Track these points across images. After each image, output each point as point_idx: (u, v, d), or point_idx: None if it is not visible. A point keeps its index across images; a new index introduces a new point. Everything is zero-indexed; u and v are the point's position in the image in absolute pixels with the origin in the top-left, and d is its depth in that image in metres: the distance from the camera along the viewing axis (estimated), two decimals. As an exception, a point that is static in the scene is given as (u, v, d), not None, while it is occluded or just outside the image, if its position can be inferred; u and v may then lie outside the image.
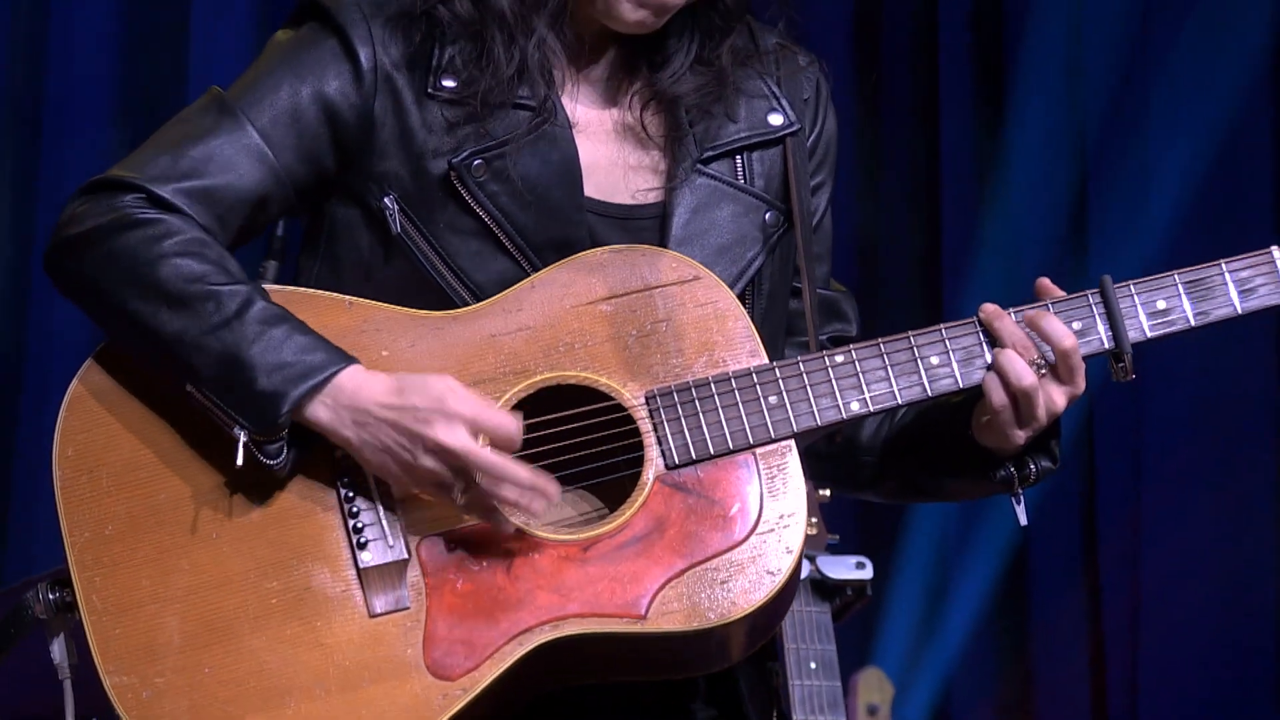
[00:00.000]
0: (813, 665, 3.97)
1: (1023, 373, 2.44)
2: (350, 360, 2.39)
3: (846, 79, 5.68)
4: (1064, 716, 5.43)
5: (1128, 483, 5.45)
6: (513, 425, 2.36)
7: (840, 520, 4.16)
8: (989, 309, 2.50)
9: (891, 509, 5.34)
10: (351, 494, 2.42)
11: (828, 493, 4.07)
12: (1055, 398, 2.47)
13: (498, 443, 2.35)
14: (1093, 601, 5.44)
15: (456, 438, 2.34)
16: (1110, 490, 5.46)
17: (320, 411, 2.38)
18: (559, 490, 2.39)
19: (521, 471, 2.35)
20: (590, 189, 2.54)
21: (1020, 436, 2.49)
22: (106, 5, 5.23)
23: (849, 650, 4.09)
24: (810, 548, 4.05)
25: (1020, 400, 2.44)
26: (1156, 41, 5.49)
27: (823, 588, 4.07)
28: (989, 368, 2.47)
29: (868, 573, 4.10)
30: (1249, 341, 5.21)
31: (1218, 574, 5.29)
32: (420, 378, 2.38)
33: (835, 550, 4.10)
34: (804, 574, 3.98)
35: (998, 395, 2.45)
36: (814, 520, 4.07)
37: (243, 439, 2.36)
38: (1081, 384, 2.48)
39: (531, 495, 2.36)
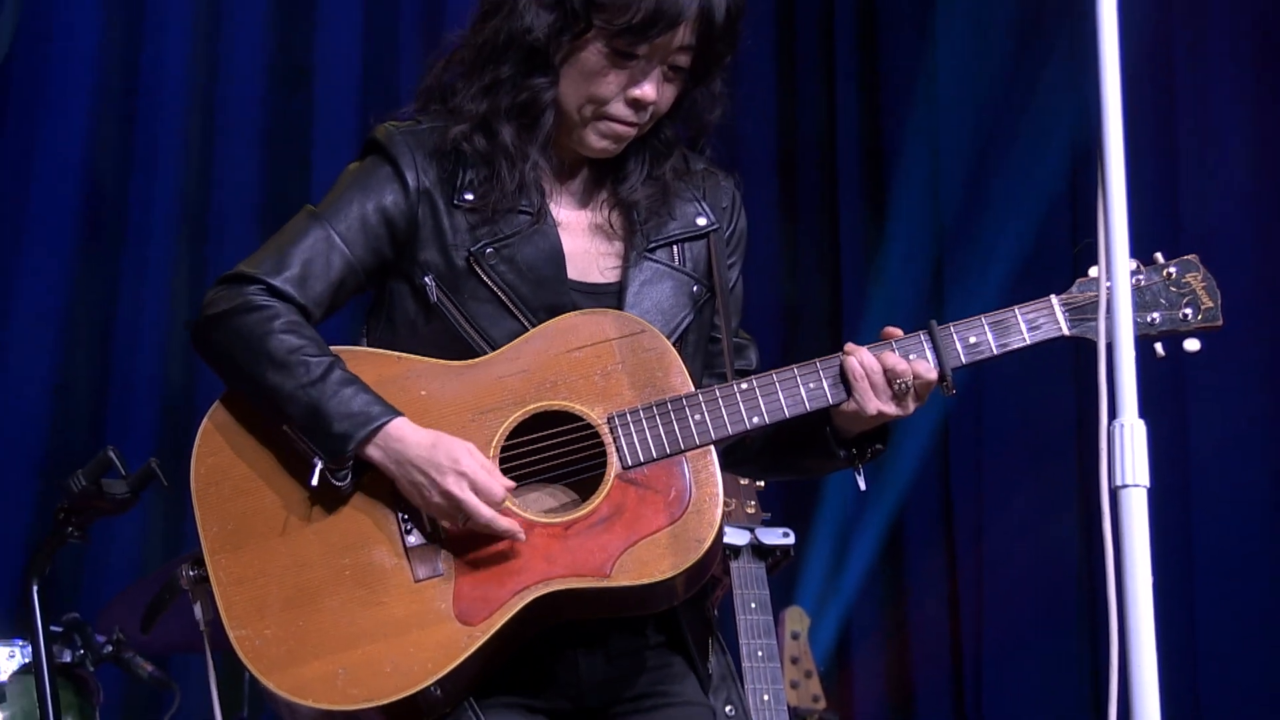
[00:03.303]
0: (753, 605, 3.92)
1: (893, 383, 2.46)
2: (397, 414, 2.38)
3: (771, 188, 5.71)
4: (930, 640, 5.39)
5: (972, 473, 5.42)
6: (499, 491, 2.36)
7: (772, 503, 4.16)
8: (851, 347, 2.48)
9: (810, 497, 5.33)
10: (401, 497, 2.41)
11: (762, 484, 4.08)
12: (908, 405, 2.47)
13: (485, 499, 2.34)
14: (949, 559, 5.42)
15: (460, 489, 2.34)
16: (961, 478, 5.44)
17: (374, 452, 2.37)
18: (522, 536, 2.37)
19: (500, 523, 2.36)
20: (571, 271, 2.51)
21: (878, 420, 2.48)
22: (253, 149, 5.24)
23: (778, 593, 4.07)
24: (750, 523, 4.01)
25: (884, 401, 2.46)
26: (991, 160, 5.47)
27: (759, 550, 4.02)
28: (859, 386, 2.45)
29: (791, 540, 4.05)
30: (1056, 371, 5.19)
31: (1036, 537, 5.25)
32: (450, 440, 2.37)
33: (768, 524, 4.06)
34: (745, 541, 3.96)
35: (871, 405, 2.45)
36: (752, 503, 4.03)
37: (319, 466, 2.37)
38: (924, 397, 2.48)
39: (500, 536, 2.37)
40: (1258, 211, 5.22)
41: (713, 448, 2.43)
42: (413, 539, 2.39)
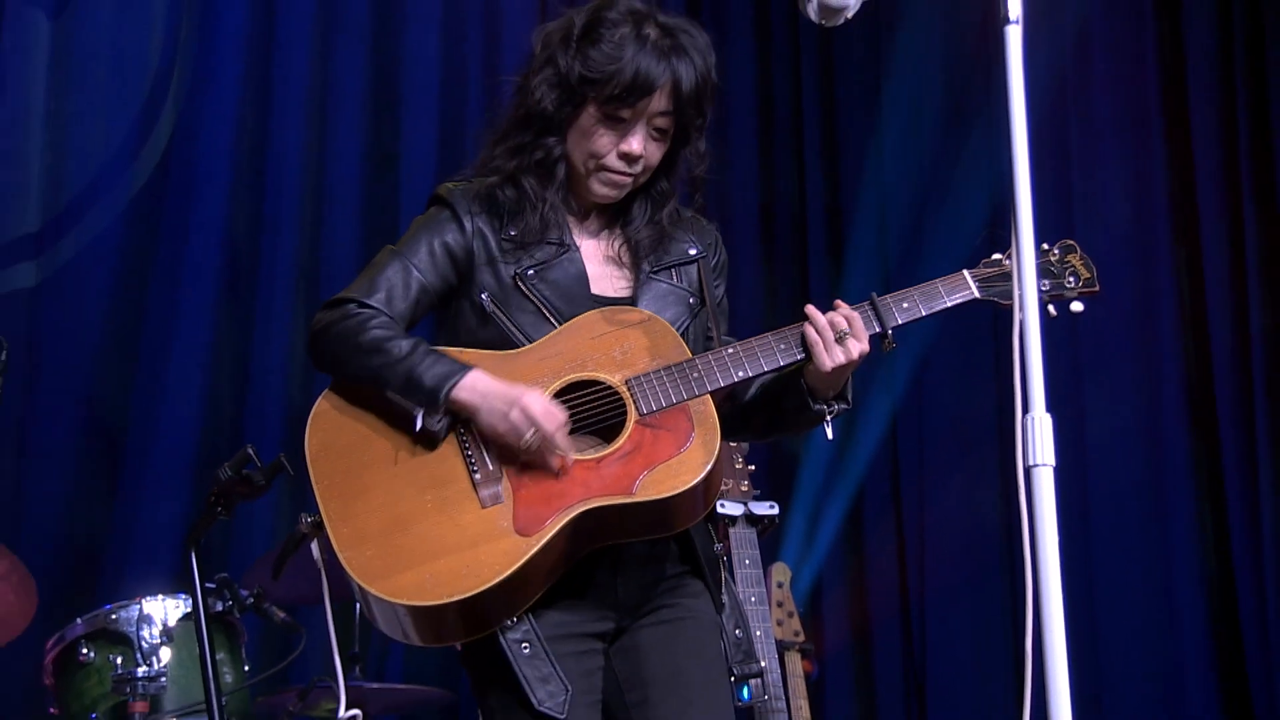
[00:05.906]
0: (746, 561, 3.94)
1: (834, 330, 2.47)
2: (473, 368, 2.43)
3: (753, 237, 5.72)
4: (884, 588, 5.38)
5: (916, 457, 5.41)
6: (560, 416, 2.40)
7: (760, 483, 4.17)
8: (810, 308, 2.49)
9: (789, 478, 5.34)
10: (468, 447, 2.43)
11: (753, 467, 4.12)
12: (851, 348, 2.46)
13: (548, 425, 2.38)
14: (899, 524, 5.41)
15: (531, 411, 2.38)
16: (907, 461, 5.43)
17: (461, 395, 2.41)
18: (573, 455, 2.39)
19: (559, 439, 2.39)
20: (594, 288, 2.54)
21: (840, 376, 2.48)
22: (353, 218, 5.25)
23: (766, 552, 4.08)
24: (743, 498, 4.03)
25: (834, 354, 2.47)
26: (928, 219, 5.48)
27: (751, 519, 4.02)
28: (815, 349, 2.45)
29: (775, 510, 4.06)
30: (981, 376, 5.22)
31: (967, 507, 5.26)
32: (517, 385, 2.42)
33: (757, 499, 4.07)
34: (740, 512, 4.00)
35: (823, 358, 2.45)
36: (745, 483, 4.04)
37: (419, 416, 2.41)
38: (865, 343, 2.48)
39: (560, 455, 2.40)
40: (1136, 248, 5.29)
41: (709, 398, 2.45)
42: (478, 476, 2.42)
